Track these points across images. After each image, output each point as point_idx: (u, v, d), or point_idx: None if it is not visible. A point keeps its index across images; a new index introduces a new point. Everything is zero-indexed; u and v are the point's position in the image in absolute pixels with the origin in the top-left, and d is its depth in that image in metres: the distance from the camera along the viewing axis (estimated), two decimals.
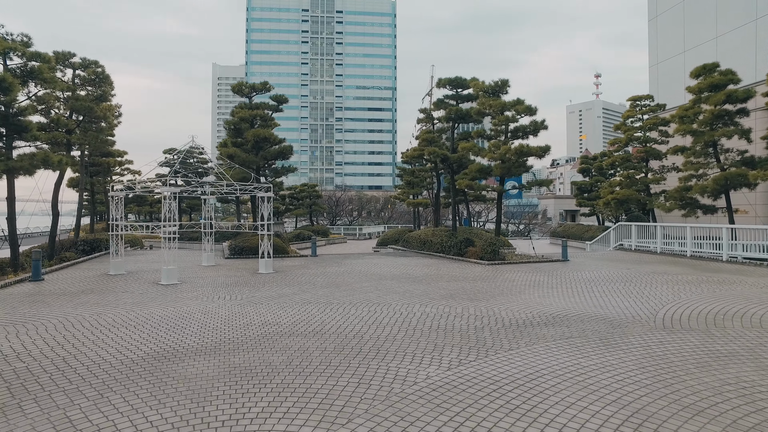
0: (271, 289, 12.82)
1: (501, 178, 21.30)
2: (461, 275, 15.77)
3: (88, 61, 20.52)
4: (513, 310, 9.96)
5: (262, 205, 16.75)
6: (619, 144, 30.50)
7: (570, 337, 7.81)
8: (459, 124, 24.54)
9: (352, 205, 78.08)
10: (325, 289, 12.78)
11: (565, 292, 12.24)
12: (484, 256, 19.81)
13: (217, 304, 10.78)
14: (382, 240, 34.88)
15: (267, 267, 16.50)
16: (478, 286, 13.43)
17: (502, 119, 20.13)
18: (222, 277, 15.21)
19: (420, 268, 17.86)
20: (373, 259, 21.06)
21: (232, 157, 22.27)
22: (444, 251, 22.68)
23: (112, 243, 16.12)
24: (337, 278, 15.01)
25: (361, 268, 17.68)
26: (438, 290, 12.65)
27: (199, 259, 20.41)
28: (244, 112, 22.40)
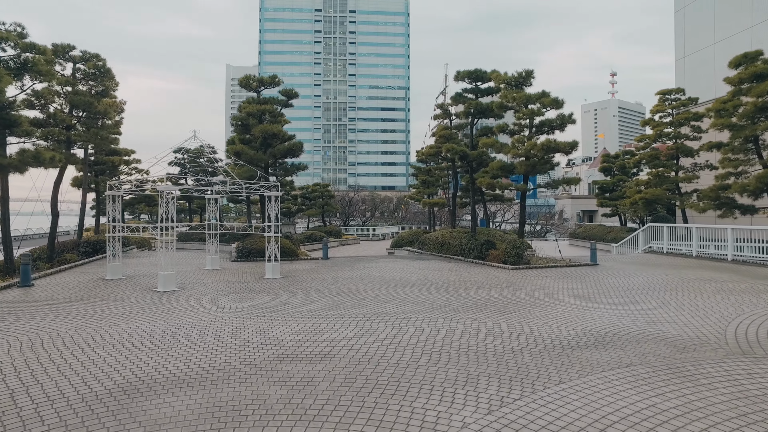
0: (276, 298, 11.59)
1: (524, 176, 19.89)
2: (485, 281, 14.41)
3: (88, 55, 19.51)
4: (552, 326, 8.59)
5: (269, 205, 15.56)
6: (647, 140, 28.84)
7: (630, 364, 6.43)
8: (478, 120, 23.16)
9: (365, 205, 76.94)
10: (335, 298, 11.52)
11: (606, 303, 10.83)
12: (507, 259, 18.42)
13: (213, 316, 9.57)
14: (396, 241, 33.58)
15: (274, 271, 15.30)
16: (505, 294, 12.07)
17: (527, 113, 18.71)
18: (224, 283, 14.03)
19: (439, 272, 16.53)
20: (388, 263, 19.77)
21: (239, 154, 21.13)
22: (463, 254, 21.31)
23: (109, 246, 15.03)
24: (350, 285, 13.75)
25: (375, 273, 16.41)
26: (462, 300, 11.32)
27: (205, 262, 19.30)
28: (252, 107, 21.26)
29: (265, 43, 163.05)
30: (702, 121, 26.28)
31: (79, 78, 19.83)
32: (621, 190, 41.15)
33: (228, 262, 20.46)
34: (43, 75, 16.13)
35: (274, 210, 15.60)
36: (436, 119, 27.54)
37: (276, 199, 15.74)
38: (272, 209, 15.51)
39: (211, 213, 17.98)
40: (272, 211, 15.50)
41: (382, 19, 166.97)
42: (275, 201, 15.67)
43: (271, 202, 15.52)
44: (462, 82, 23.21)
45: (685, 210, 26.76)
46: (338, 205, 55.87)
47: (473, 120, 23.38)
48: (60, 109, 18.49)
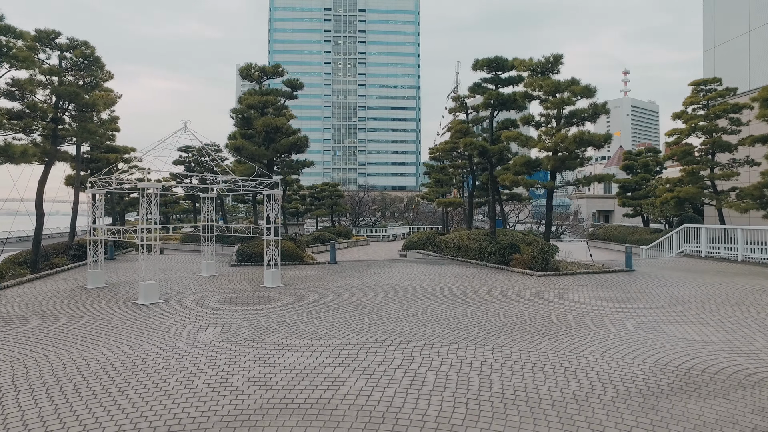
0: (272, 313, 9.86)
1: (551, 173, 18.01)
2: (513, 292, 12.58)
3: (75, 42, 17.94)
4: (615, 358, 6.77)
5: (269, 204, 13.86)
6: (678, 135, 26.77)
7: (755, 429, 4.61)
8: (498, 112, 21.30)
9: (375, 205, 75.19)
10: (341, 314, 9.76)
11: (668, 322, 8.96)
12: (533, 265, 16.56)
13: (192, 339, 7.85)
14: (408, 243, 31.78)
15: (274, 279, 13.59)
16: (542, 309, 10.24)
17: (555, 102, 16.82)
18: (216, 294, 12.33)
19: (459, 280, 14.72)
20: (401, 268, 18.00)
21: (240, 150, 19.47)
22: (483, 258, 19.48)
23: (90, 251, 13.41)
24: (359, 296, 11.99)
25: (387, 281, 14.64)
26: (492, 317, 9.51)
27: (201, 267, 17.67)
28: (253, 98, 19.61)
29: (274, 42, 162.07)
30: (741, 113, 24.20)
31: (67, 68, 18.27)
32: (645, 188, 39.04)
33: (227, 266, 18.81)
34: (21, 62, 14.56)
35: (274, 210, 13.90)
36: (452, 113, 25.72)
37: (277, 198, 14.04)
38: (272, 209, 13.81)
39: (208, 214, 16.31)
40: (272, 211, 13.80)
41: (392, 17, 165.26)
42: (275, 200, 13.97)
43: (271, 201, 13.82)
44: (480, 71, 21.35)
45: (721, 210, 24.68)
46: (348, 206, 54.17)
47: (493, 112, 21.51)
48: (43, 101, 16.93)
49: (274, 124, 19.10)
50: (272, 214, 13.75)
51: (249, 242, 21.91)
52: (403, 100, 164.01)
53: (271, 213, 13.76)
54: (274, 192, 13.85)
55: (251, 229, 15.08)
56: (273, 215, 13.87)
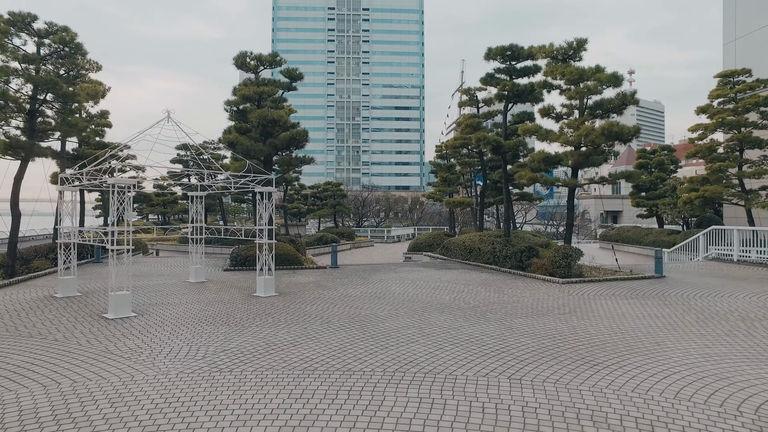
0: (260, 332, 8.34)
1: (573, 169, 16.43)
2: (538, 303, 11.02)
3: (55, 27, 16.47)
4: (697, 402, 5.20)
5: (262, 204, 12.34)
6: (702, 131, 25.12)
7: None
8: (513, 105, 19.73)
9: (379, 205, 73.64)
10: (342, 333, 8.23)
11: (738, 345, 7.38)
12: (555, 271, 14.99)
13: (155, 369, 6.33)
14: (414, 245, 30.25)
15: (267, 288, 12.08)
16: (578, 327, 8.68)
17: (579, 91, 15.25)
18: (200, 305, 10.82)
19: (474, 288, 13.17)
20: (409, 273, 16.46)
21: (234, 144, 17.95)
22: (497, 262, 17.92)
23: (60, 256, 11.92)
24: (363, 309, 10.45)
25: (394, 289, 13.10)
26: (521, 337, 7.96)
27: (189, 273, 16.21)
28: (248, 89, 18.11)
29: (278, 42, 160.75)
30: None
31: (45, 56, 16.81)
32: (661, 188, 37.42)
33: (220, 271, 17.31)
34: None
35: (267, 210, 12.38)
36: (461, 107, 24.16)
37: (270, 196, 12.51)
38: (266, 209, 12.29)
39: (197, 214, 14.81)
40: (265, 211, 12.27)
41: (396, 17, 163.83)
42: (269, 198, 12.45)
43: (264, 199, 12.29)
44: (494, 61, 19.80)
45: (750, 210, 23.02)
46: (351, 206, 52.66)
47: (507, 105, 19.94)
48: (17, 90, 15.48)
49: (270, 117, 17.58)
50: (266, 215, 12.23)
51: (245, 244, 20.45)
52: (407, 100, 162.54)
53: (264, 213, 12.24)
54: (268, 190, 12.33)
55: (243, 231, 13.56)
56: (267, 216, 12.35)
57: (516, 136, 20.34)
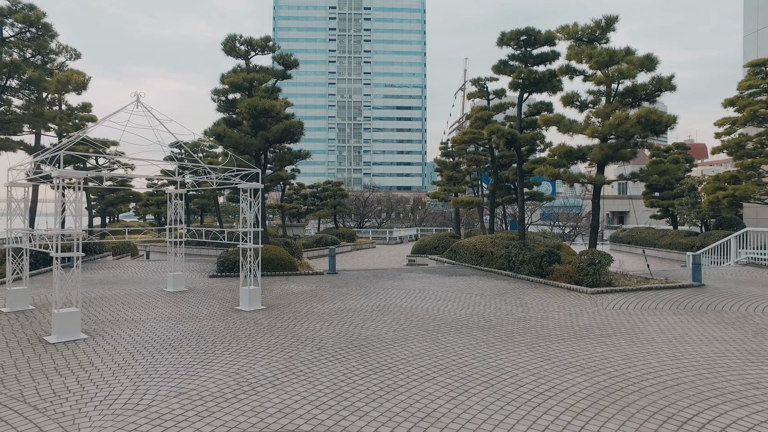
0: (233, 363, 6.59)
1: (600, 165, 14.65)
2: (572, 320, 9.25)
3: (19, 4, 14.76)
4: None
5: (246, 202, 10.57)
6: (729, 125, 23.35)
7: None
8: (528, 95, 17.97)
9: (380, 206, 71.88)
10: (337, 366, 6.48)
11: None
12: (581, 278, 13.21)
13: (75, 425, 4.58)
14: (418, 247, 28.51)
15: (252, 300, 10.33)
16: (631, 354, 6.92)
17: (608, 76, 13.48)
18: (169, 322, 9.07)
19: (492, 300, 11.41)
20: (416, 281, 14.70)
21: (221, 137, 16.21)
22: (512, 268, 16.16)
23: (8, 263, 10.17)
24: (364, 328, 8.70)
25: (400, 301, 11.34)
26: (565, 371, 6.20)
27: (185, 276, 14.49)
28: (237, 76, 16.37)
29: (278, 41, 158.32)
30: None
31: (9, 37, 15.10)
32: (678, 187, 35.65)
33: (205, 278, 15.57)
34: None
35: (253, 209, 10.62)
36: (470, 99, 22.39)
37: (257, 193, 10.75)
38: (250, 208, 10.53)
39: (175, 215, 13.05)
40: (250, 210, 10.52)
41: (397, 16, 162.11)
42: (255, 196, 10.69)
43: (249, 197, 10.53)
44: (507, 47, 18.07)
45: None
46: (352, 206, 50.88)
47: (521, 95, 18.17)
48: None
49: (261, 107, 15.82)
50: (250, 215, 10.48)
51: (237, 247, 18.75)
52: (409, 100, 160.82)
53: (248, 213, 10.48)
54: (253, 186, 10.56)
55: (225, 234, 11.80)
56: (252, 216, 10.60)
57: (532, 129, 18.60)
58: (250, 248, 10.48)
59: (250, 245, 10.51)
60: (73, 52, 18.70)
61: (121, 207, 43.44)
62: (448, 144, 35.10)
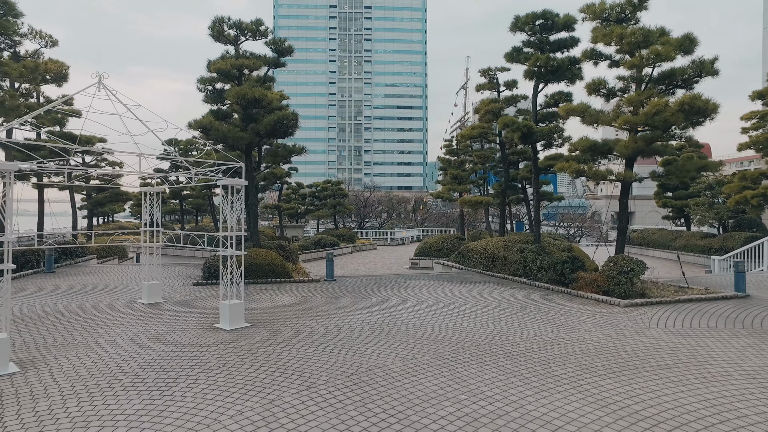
0: (195, 411, 5.02)
1: (629, 160, 13.08)
2: (615, 344, 7.67)
3: None
4: None
5: (226, 201, 8.99)
6: (758, 119, 21.79)
7: None
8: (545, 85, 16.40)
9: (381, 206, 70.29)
10: (329, 416, 4.90)
11: None
12: (611, 288, 11.63)
13: None
14: (422, 249, 26.93)
15: (233, 317, 8.76)
16: (709, 398, 5.34)
17: (642, 59, 11.89)
18: (132, 346, 7.51)
19: (514, 315, 9.83)
20: (423, 290, 13.13)
21: (207, 130, 14.64)
22: (530, 275, 14.59)
23: None
24: (364, 355, 7.12)
25: (407, 316, 9.77)
26: (637, 429, 4.63)
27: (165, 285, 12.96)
28: (225, 63, 14.80)
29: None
30: None
31: None
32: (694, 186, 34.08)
33: (189, 285, 14.01)
34: None
35: (235, 210, 9.04)
36: (479, 90, 20.83)
37: (238, 191, 9.17)
38: (231, 208, 8.96)
39: (151, 216, 11.49)
40: (231, 211, 8.94)
41: (398, 15, 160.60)
42: (236, 194, 9.11)
43: (230, 195, 8.95)
44: (521, 33, 16.49)
45: None
46: (353, 206, 49.28)
47: (537, 85, 16.58)
48: None
49: (251, 96, 14.24)
50: (232, 216, 8.90)
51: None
52: (410, 99, 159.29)
53: (229, 214, 8.90)
54: (235, 182, 8.99)
55: (205, 238, 10.22)
56: (234, 217, 9.02)
57: (549, 121, 17.02)
58: (231, 256, 8.90)
59: (232, 252, 8.93)
60: (49, 39, 17.17)
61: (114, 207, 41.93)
62: (452, 141, 33.55)
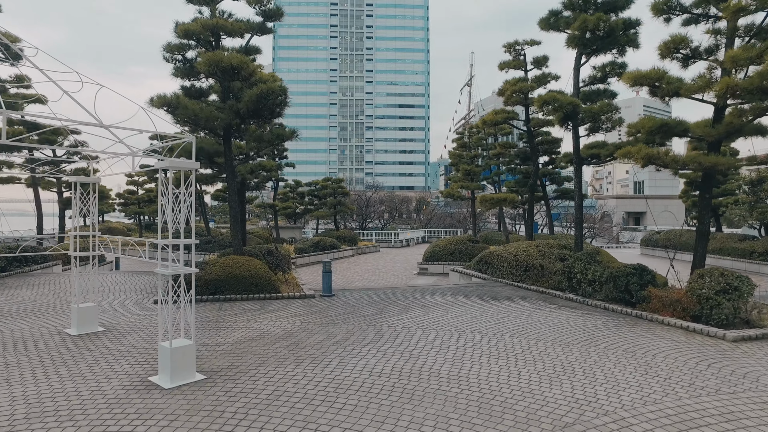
0: None
1: (713, 144, 10.08)
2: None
3: None
4: None
5: (168, 191, 5.94)
6: None
7: None
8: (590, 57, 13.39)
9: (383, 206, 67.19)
10: None
11: None
12: (705, 313, 8.61)
13: None
14: (431, 253, 23.89)
15: (177, 367, 5.76)
16: None
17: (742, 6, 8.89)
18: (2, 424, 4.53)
19: (586, 357, 6.81)
20: (446, 311, 10.13)
21: (175, 108, 11.65)
22: (577, 289, 11.58)
23: None
24: None
25: (435, 361, 6.76)
26: None
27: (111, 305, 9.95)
28: (195, 24, 11.78)
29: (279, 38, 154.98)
30: None
31: None
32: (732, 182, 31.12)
33: (148, 304, 10.99)
34: None
35: (183, 207, 6.00)
36: (502, 69, 17.74)
37: (187, 177, 6.11)
38: (169, 202, 5.92)
39: (78, 216, 8.46)
40: (173, 209, 5.91)
41: (400, 12, 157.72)
42: (186, 183, 6.05)
43: (170, 184, 5.90)
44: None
45: None
46: (354, 206, 46.18)
47: (580, 57, 13.53)
48: None
49: (227, 63, 11.21)
50: (173, 216, 5.87)
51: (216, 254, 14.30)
52: (412, 98, 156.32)
53: (169, 213, 5.87)
54: (180, 165, 5.94)
55: (146, 246, 7.17)
56: (182, 217, 5.99)
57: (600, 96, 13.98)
58: (169, 276, 5.86)
59: (176, 269, 5.89)
60: None
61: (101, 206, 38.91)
62: (464, 134, 30.57)
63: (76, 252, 8.40)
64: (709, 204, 10.39)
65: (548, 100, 12.44)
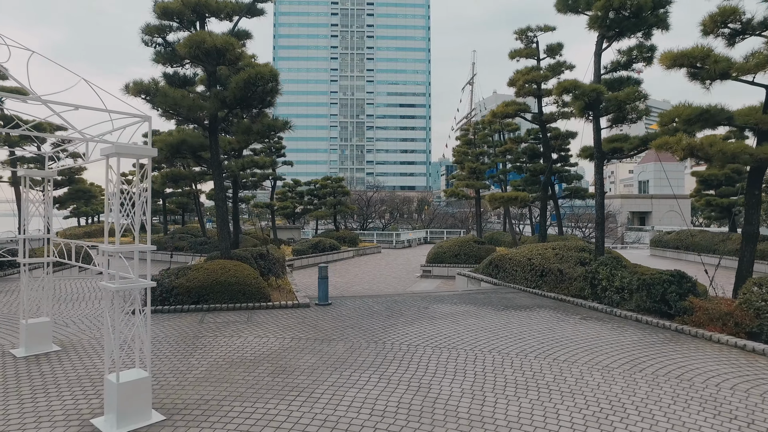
0: None
1: (762, 134, 8.83)
2: None
3: None
4: None
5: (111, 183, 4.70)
6: None
7: None
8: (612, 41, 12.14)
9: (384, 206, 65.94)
10: None
11: None
12: (767, 330, 7.35)
13: None
14: (435, 254, 22.65)
15: (127, 407, 4.52)
16: None
17: None
18: None
19: (630, 385, 5.54)
20: (456, 323, 8.89)
21: (153, 95, 10.42)
22: (602, 298, 10.32)
23: None
24: None
25: (450, 392, 5.50)
26: None
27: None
28: (175, 2, 10.57)
29: (279, 37, 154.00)
30: None
31: None
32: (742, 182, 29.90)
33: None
34: None
35: (137, 204, 4.75)
36: (513, 58, 16.49)
37: (143, 166, 4.86)
38: (126, 201, 4.67)
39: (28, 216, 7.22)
40: (126, 204, 4.66)
41: (401, 11, 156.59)
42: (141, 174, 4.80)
43: (116, 174, 4.65)
44: None
45: None
46: (355, 206, 44.88)
47: (601, 42, 12.26)
48: None
49: (210, 45, 9.97)
50: (119, 215, 4.62)
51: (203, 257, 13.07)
52: (413, 97, 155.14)
53: (116, 211, 4.62)
54: (134, 152, 4.70)
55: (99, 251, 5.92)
56: (137, 218, 4.73)
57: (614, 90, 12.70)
58: (114, 291, 4.61)
59: (128, 284, 4.64)
60: None
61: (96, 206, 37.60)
62: (469, 131, 29.32)
63: (25, 258, 7.14)
64: (759, 202, 9.13)
65: (568, 87, 11.20)
